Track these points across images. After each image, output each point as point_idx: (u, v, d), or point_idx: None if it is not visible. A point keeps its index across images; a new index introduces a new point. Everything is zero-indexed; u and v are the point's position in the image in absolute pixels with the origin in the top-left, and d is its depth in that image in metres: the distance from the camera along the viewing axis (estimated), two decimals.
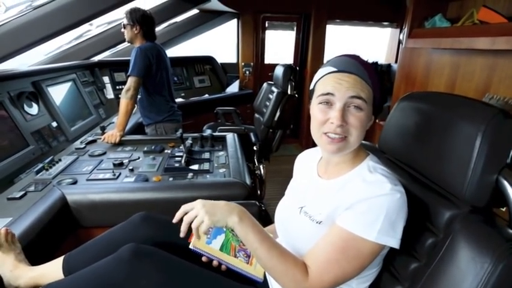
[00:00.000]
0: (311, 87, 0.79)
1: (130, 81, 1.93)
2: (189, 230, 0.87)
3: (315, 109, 0.74)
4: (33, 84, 1.88)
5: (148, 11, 2.08)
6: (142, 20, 2.02)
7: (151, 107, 2.15)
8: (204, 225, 0.70)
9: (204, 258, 0.83)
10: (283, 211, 0.89)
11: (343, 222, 0.68)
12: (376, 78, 0.72)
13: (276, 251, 0.71)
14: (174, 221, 0.75)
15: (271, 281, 0.86)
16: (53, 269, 0.93)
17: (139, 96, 2.13)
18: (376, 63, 3.86)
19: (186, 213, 0.74)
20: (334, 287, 0.70)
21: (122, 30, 2.07)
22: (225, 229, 0.89)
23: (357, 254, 0.67)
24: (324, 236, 0.71)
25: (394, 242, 0.66)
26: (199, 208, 0.72)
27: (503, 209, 0.64)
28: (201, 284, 0.81)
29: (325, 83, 0.72)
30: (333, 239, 0.69)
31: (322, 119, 0.71)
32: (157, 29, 3.09)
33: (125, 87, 1.93)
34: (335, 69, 0.72)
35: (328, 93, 0.70)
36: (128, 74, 1.95)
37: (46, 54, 2.55)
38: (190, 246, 0.81)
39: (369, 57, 3.84)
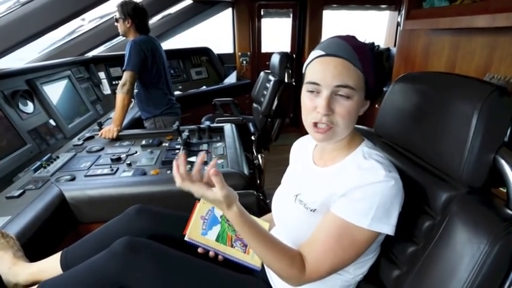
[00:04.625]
0: (303, 70, 0.76)
1: (126, 76, 1.91)
2: (185, 222, 0.87)
3: (304, 96, 0.73)
4: (27, 83, 1.86)
5: (140, 3, 2.04)
6: (134, 13, 1.99)
7: (149, 101, 2.14)
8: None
9: (200, 250, 0.83)
10: (279, 199, 0.88)
11: (338, 209, 0.67)
12: (369, 60, 0.69)
13: (270, 244, 0.70)
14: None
15: (269, 269, 0.86)
16: (52, 264, 0.93)
17: (136, 90, 2.11)
18: (373, 43, 3.78)
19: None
20: (331, 274, 0.70)
21: (115, 24, 2.05)
22: (220, 219, 0.89)
23: (351, 241, 0.66)
24: (319, 225, 0.71)
25: (389, 229, 0.65)
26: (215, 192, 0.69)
27: (504, 189, 0.63)
28: (197, 275, 0.81)
29: (312, 69, 0.70)
30: (328, 227, 0.68)
31: (310, 106, 0.70)
32: (151, 21, 3.05)
33: (121, 82, 1.92)
34: (323, 53, 0.69)
35: (314, 83, 0.69)
36: (123, 68, 1.93)
37: (40, 52, 2.52)
38: (186, 238, 0.81)
39: (367, 38, 3.77)
